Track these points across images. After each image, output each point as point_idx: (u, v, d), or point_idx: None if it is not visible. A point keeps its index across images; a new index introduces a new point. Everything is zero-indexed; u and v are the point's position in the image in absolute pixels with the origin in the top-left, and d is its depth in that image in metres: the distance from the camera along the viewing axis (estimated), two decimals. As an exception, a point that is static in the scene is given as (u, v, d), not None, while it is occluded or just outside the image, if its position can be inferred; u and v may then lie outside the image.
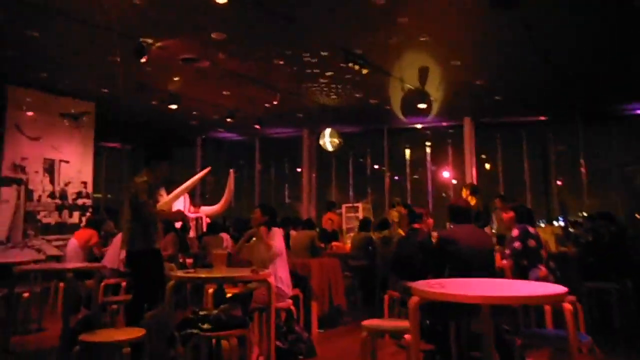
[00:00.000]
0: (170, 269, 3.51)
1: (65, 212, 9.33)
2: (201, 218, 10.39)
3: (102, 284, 5.42)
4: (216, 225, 8.16)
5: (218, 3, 4.89)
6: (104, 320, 4.12)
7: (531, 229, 3.93)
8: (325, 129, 10.28)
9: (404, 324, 2.83)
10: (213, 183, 13.22)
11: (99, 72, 7.89)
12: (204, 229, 10.00)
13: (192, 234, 9.63)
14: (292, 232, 6.94)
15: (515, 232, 3.93)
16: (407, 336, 2.67)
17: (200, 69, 7.48)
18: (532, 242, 3.88)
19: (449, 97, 8.71)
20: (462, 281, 2.63)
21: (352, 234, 8.39)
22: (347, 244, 7.52)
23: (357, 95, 8.65)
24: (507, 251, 3.94)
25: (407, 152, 11.51)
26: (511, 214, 4.09)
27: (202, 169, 14.57)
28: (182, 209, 9.44)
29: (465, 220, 3.49)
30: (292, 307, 3.67)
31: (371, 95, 8.70)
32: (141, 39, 6.31)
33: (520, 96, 8.40)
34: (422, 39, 6.02)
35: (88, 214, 9.65)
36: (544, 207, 9.85)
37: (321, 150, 12.73)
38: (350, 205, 9.68)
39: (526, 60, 6.64)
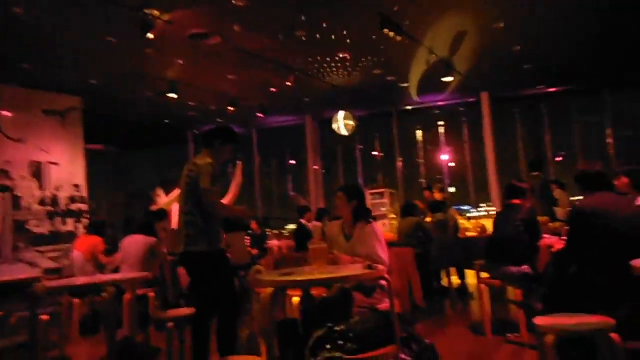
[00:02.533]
0: (258, 271, 2.77)
1: (58, 220, 8.35)
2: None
3: (128, 296, 4.64)
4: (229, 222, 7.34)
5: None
6: (152, 342, 3.35)
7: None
8: (335, 112, 9.60)
9: (598, 319, 2.17)
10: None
11: (89, 58, 6.96)
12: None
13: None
14: (329, 223, 6.24)
15: (640, 201, 3.34)
16: (614, 335, 2.02)
17: (208, 48, 6.67)
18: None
19: (469, 70, 8.13)
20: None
21: (384, 221, 7.77)
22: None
23: (376, 72, 7.98)
24: None
25: (419, 133, 10.92)
26: (624, 179, 3.49)
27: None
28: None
29: (606, 187, 2.87)
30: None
31: (390, 71, 8.05)
32: (145, 10, 5.47)
33: (554, 64, 7.88)
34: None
35: (85, 219, 8.71)
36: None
37: (325, 137, 12.09)
38: (375, 191, 9.03)
39: (572, 21, 6.11)
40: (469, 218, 7.32)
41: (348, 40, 6.60)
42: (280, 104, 10.09)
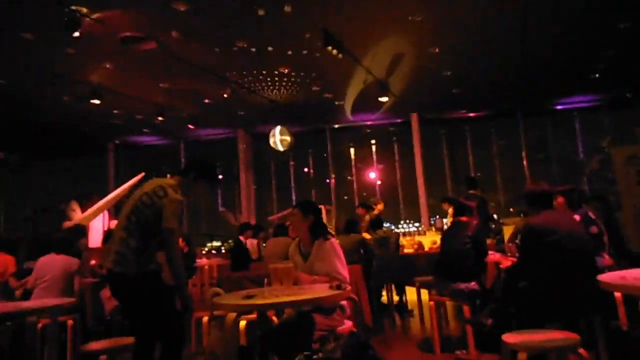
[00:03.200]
0: (214, 294, 2.48)
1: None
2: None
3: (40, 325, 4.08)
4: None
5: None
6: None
7: (591, 214, 3.62)
8: (270, 127, 9.46)
9: (556, 335, 2.22)
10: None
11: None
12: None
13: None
14: (269, 241, 6.07)
15: (577, 218, 3.57)
16: (582, 351, 2.07)
17: (141, 53, 6.25)
18: (594, 229, 3.56)
19: (402, 92, 8.44)
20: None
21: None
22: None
23: (314, 89, 7.99)
24: None
25: (352, 151, 11.10)
26: (560, 199, 3.73)
27: (116, 179, 12.79)
28: (100, 224, 7.98)
29: (549, 206, 3.02)
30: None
31: (329, 88, 8.11)
32: (73, 7, 4.99)
33: (480, 89, 8.42)
34: (410, 18, 5.57)
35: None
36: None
37: (258, 152, 11.87)
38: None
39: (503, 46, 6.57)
40: (404, 235, 7.46)
41: (289, 55, 6.53)
42: (213, 116, 9.75)
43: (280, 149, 8.83)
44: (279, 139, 8.78)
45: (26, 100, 8.08)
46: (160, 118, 8.90)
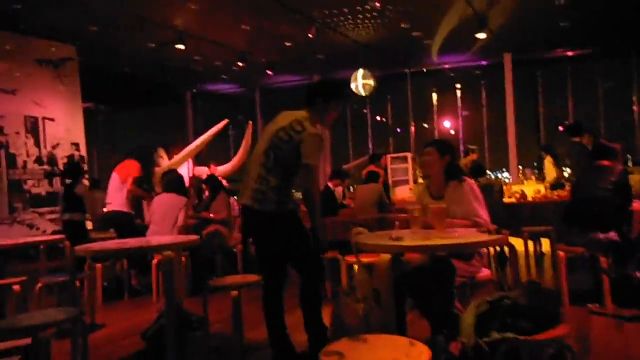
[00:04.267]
0: (357, 232, 2.34)
1: (57, 180, 7.77)
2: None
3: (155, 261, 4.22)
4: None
5: None
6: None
7: None
8: (348, 72, 9.04)
9: None
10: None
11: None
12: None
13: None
14: (358, 187, 5.88)
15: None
16: None
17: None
18: None
19: (500, 27, 7.62)
20: None
21: (408, 186, 7.42)
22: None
23: (403, 26, 7.42)
24: None
25: (434, 96, 10.47)
26: None
27: (194, 127, 13.07)
28: (185, 171, 8.16)
29: None
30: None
31: (419, 25, 7.50)
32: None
33: (592, 23, 7.42)
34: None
35: (85, 181, 8.13)
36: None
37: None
38: (396, 155, 8.61)
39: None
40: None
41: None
42: (292, 61, 9.48)
43: (363, 93, 8.45)
44: (361, 82, 8.38)
45: (113, 47, 8.22)
46: (240, 64, 8.78)
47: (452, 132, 10.48)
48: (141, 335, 2.97)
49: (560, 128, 9.58)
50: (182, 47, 7.56)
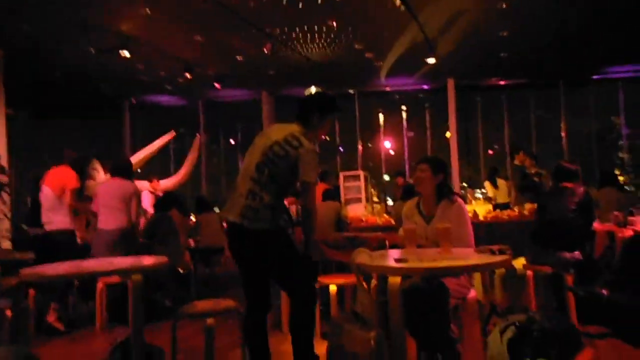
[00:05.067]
0: (359, 253, 2.17)
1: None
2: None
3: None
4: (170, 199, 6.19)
5: None
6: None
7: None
8: (293, 89, 9.04)
9: None
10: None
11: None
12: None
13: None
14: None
15: None
16: None
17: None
18: None
19: (446, 54, 7.98)
20: None
21: (357, 205, 7.43)
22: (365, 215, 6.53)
23: (357, 47, 7.52)
24: None
25: (381, 116, 10.71)
26: None
27: (132, 140, 12.36)
28: None
29: None
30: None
31: (372, 47, 7.64)
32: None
33: (530, 54, 7.97)
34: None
35: (5, 194, 7.29)
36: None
37: (280, 115, 11.41)
38: (349, 173, 8.60)
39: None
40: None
41: (339, 3, 6.05)
42: (239, 75, 9.27)
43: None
44: (313, 100, 8.34)
45: (45, 50, 7.55)
46: (187, 75, 8.42)
47: (392, 152, 10.76)
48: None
49: (490, 152, 10.19)
50: (126, 54, 7.10)
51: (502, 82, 9.80)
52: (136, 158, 7.43)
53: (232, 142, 11.83)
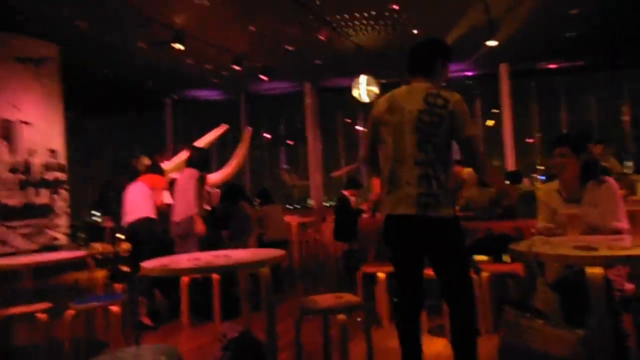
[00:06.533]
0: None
1: (32, 191, 6.95)
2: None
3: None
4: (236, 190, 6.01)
5: None
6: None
7: None
8: (348, 79, 8.76)
9: None
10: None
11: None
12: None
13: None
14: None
15: None
16: None
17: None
18: None
19: (505, 36, 7.60)
20: None
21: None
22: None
23: (414, 32, 7.23)
24: None
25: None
26: None
27: (174, 135, 12.31)
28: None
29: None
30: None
31: (431, 31, 7.32)
32: None
33: (597, 35, 7.52)
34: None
35: (63, 190, 7.33)
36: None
37: (324, 107, 11.20)
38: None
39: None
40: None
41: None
42: (285, 66, 9.08)
43: (366, 100, 8.16)
44: (364, 89, 8.10)
45: (98, 47, 7.51)
46: (237, 67, 8.26)
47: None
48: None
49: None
50: (181, 47, 6.98)
51: (559, 65, 9.33)
52: (183, 155, 7.34)
53: (269, 136, 11.65)
